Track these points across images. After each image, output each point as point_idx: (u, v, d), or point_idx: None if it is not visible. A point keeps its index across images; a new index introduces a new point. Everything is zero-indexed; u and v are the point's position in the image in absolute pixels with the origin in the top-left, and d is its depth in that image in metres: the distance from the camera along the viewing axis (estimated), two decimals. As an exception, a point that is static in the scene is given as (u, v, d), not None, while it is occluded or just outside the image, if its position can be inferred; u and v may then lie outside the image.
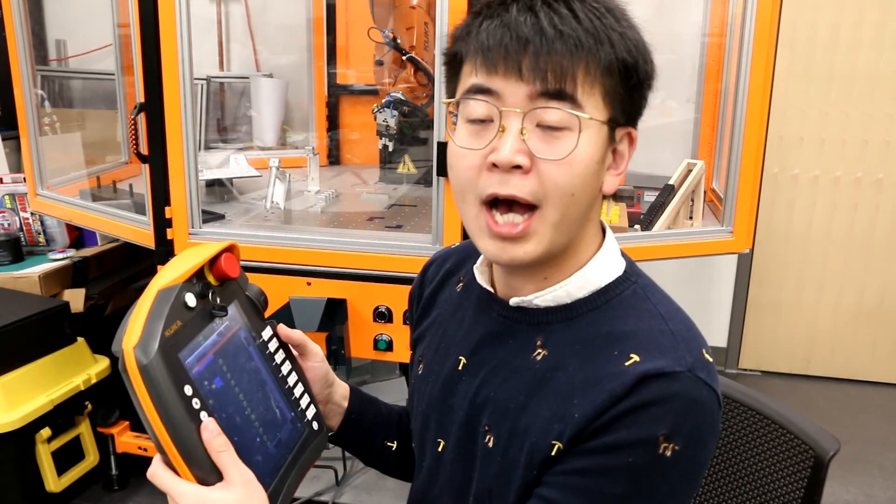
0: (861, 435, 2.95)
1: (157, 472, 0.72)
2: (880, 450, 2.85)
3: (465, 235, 1.78)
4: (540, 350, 0.82)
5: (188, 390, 0.70)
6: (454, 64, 0.81)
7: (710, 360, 0.78)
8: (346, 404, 0.99)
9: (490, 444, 0.84)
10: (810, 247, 3.33)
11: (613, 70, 0.75)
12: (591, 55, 0.73)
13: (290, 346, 0.91)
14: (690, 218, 2.08)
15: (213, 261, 0.81)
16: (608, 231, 0.86)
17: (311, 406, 0.89)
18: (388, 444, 1.05)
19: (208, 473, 0.71)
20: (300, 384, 0.89)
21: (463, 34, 0.79)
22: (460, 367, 0.90)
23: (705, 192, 2.17)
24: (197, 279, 0.78)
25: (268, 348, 0.86)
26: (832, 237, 3.31)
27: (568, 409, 0.76)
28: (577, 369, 0.78)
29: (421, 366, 0.98)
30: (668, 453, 0.72)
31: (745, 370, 3.51)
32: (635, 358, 0.75)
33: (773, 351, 3.47)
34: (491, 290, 0.89)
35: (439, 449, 0.92)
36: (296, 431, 0.85)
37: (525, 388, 0.81)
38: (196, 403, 0.71)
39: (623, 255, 0.87)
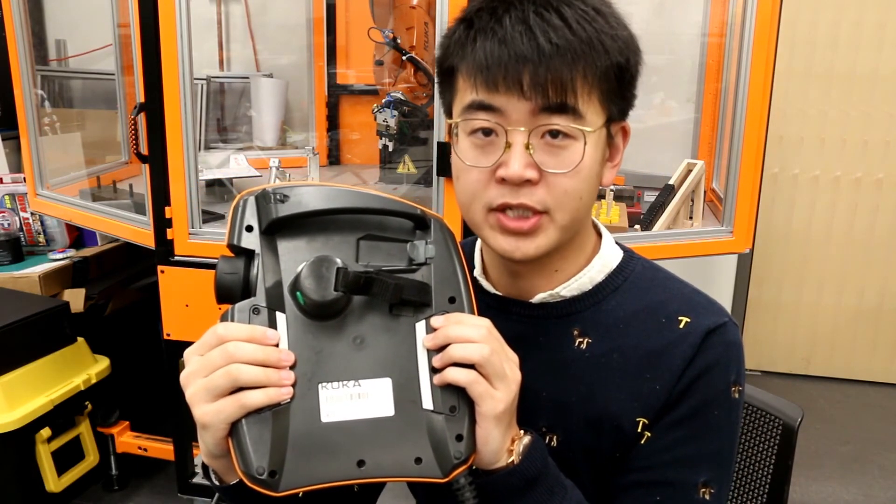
0: (861, 435, 2.95)
1: None
2: (880, 450, 2.84)
3: (464, 236, 1.78)
4: (580, 339, 0.84)
5: None
6: (448, 75, 0.81)
7: None
8: None
9: (554, 444, 0.84)
10: (810, 247, 3.33)
11: (609, 75, 0.77)
12: (587, 64, 0.74)
13: None
14: (690, 218, 2.09)
15: None
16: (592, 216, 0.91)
17: None
18: None
19: None
20: None
21: (456, 48, 0.78)
22: None
23: (705, 192, 2.17)
24: None
25: None
26: (832, 237, 3.31)
27: (643, 385, 0.81)
28: (634, 346, 0.82)
29: None
30: (737, 395, 0.83)
31: (746, 370, 3.50)
32: (685, 319, 0.82)
33: (773, 351, 3.47)
34: (498, 294, 0.89)
35: None
36: None
37: (583, 378, 0.83)
38: None
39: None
